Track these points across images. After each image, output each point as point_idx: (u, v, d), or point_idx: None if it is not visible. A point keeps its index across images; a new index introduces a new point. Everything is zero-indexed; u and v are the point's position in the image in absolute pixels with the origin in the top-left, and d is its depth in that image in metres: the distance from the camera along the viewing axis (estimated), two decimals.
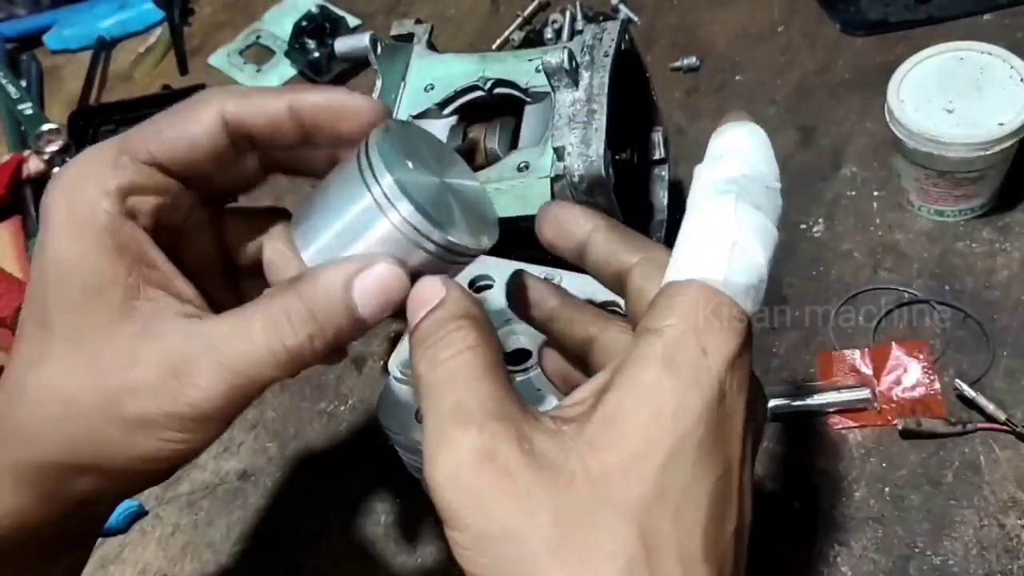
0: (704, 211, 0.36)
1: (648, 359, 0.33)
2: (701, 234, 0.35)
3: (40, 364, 0.37)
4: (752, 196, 0.36)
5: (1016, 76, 0.64)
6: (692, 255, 0.35)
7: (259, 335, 0.36)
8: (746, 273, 0.34)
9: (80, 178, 0.37)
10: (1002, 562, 0.54)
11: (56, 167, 0.92)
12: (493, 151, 0.62)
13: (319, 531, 0.64)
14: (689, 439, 0.32)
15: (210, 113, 0.38)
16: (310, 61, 0.94)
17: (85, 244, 0.36)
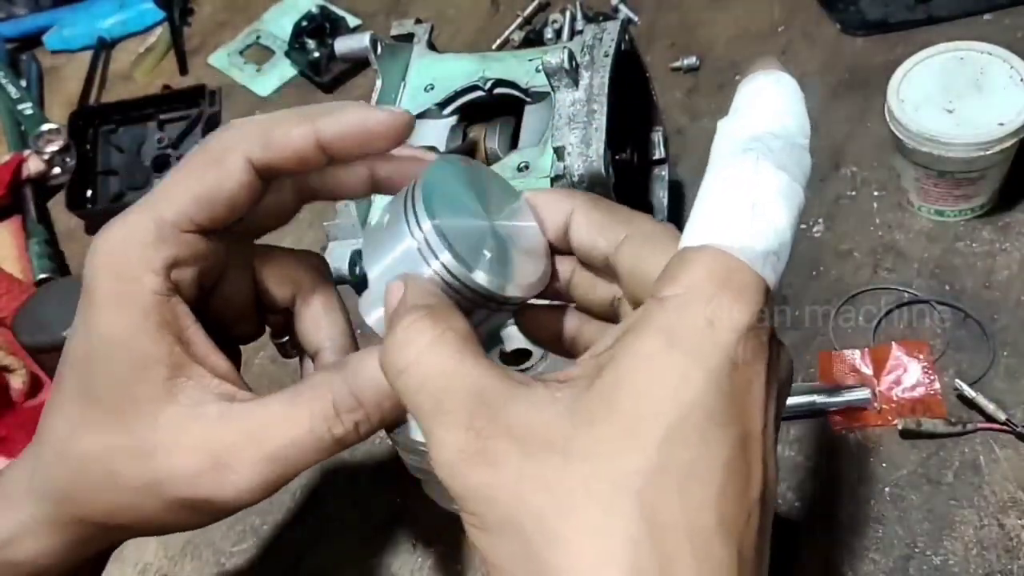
0: (722, 171, 0.33)
1: (649, 330, 0.30)
2: (718, 196, 0.33)
3: (84, 433, 0.37)
4: (776, 155, 0.33)
5: (1016, 76, 0.64)
6: (707, 219, 0.32)
7: (305, 424, 0.36)
8: (765, 238, 0.32)
9: (124, 254, 0.37)
10: (1002, 562, 0.54)
11: (56, 167, 0.92)
12: (493, 151, 0.62)
13: (318, 530, 0.64)
14: (693, 412, 0.29)
15: (238, 162, 0.37)
16: (310, 61, 0.94)
17: (132, 321, 0.36)
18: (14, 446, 0.72)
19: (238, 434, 0.36)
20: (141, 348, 0.36)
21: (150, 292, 0.36)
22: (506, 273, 0.36)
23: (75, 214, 0.88)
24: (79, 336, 0.38)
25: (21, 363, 0.75)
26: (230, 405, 0.37)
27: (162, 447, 0.36)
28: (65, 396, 0.38)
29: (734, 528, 0.30)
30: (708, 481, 0.29)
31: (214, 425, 0.36)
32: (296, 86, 0.96)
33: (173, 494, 0.37)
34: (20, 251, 0.87)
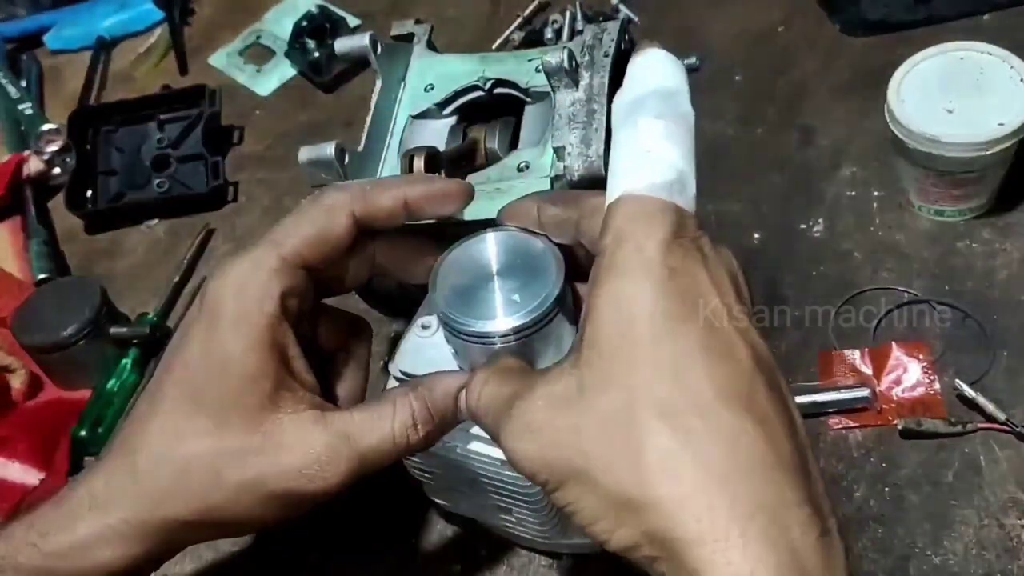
0: (617, 136, 0.40)
1: (599, 275, 0.37)
2: (618, 155, 0.40)
3: (190, 437, 0.43)
4: (651, 108, 0.39)
5: (1016, 76, 0.64)
6: (615, 176, 0.39)
7: (388, 431, 0.44)
8: (662, 172, 0.38)
9: (247, 281, 0.44)
10: (1002, 562, 0.54)
11: (56, 167, 0.92)
12: (493, 151, 0.62)
13: (318, 531, 0.64)
14: (655, 316, 0.35)
15: (344, 215, 0.45)
16: (310, 61, 0.94)
17: (249, 340, 0.43)
18: (14, 446, 0.72)
19: (333, 436, 0.43)
20: (254, 364, 0.43)
21: (268, 315, 0.43)
22: (519, 309, 0.45)
23: (75, 214, 0.88)
24: (193, 350, 0.44)
25: (21, 363, 0.75)
26: (323, 413, 0.44)
27: (266, 448, 0.43)
28: (168, 405, 0.44)
29: (734, 394, 0.35)
30: (693, 365, 0.35)
31: (311, 429, 0.43)
32: (296, 86, 0.96)
33: (272, 489, 0.43)
34: (20, 251, 0.87)
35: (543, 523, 0.54)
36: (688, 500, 0.33)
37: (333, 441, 0.43)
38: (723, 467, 0.33)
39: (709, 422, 0.34)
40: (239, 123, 0.94)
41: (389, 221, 0.47)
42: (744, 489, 0.33)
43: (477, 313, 0.45)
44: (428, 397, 0.45)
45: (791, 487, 0.34)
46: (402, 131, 0.64)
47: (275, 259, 0.44)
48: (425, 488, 0.60)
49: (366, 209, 0.46)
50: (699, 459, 0.33)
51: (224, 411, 0.43)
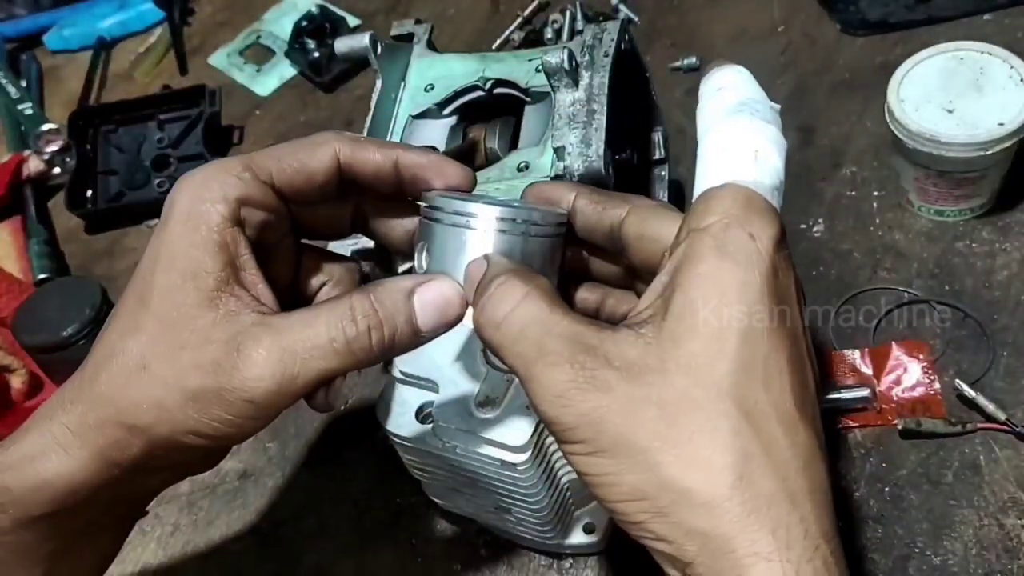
0: (723, 129, 0.40)
1: (703, 252, 0.36)
2: (726, 147, 0.39)
3: (132, 334, 0.41)
4: (761, 113, 0.40)
5: (1016, 76, 0.64)
6: (721, 164, 0.39)
7: (322, 324, 0.40)
8: (770, 175, 0.38)
9: (207, 180, 0.42)
10: (1002, 562, 0.54)
11: (56, 167, 0.92)
12: (493, 151, 0.62)
13: (319, 530, 0.64)
14: (757, 313, 0.35)
15: (328, 152, 0.44)
16: (310, 61, 0.94)
17: (194, 237, 0.41)
18: None
19: (261, 330, 0.40)
20: (196, 257, 0.41)
21: (218, 215, 0.41)
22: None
23: (75, 214, 0.88)
24: (149, 250, 0.42)
25: (21, 363, 0.75)
26: (261, 316, 0.41)
27: (193, 343, 0.40)
28: (121, 308, 0.42)
29: (806, 412, 0.35)
30: (781, 372, 0.34)
31: (243, 325, 0.40)
32: (296, 86, 0.96)
33: (193, 385, 0.39)
34: (20, 251, 0.87)
35: (543, 523, 0.54)
36: (760, 511, 0.32)
37: (257, 332, 0.40)
38: (797, 484, 0.33)
39: (791, 436, 0.34)
40: (239, 123, 0.94)
41: (375, 179, 0.45)
42: (812, 512, 0.33)
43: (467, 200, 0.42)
44: (372, 291, 0.41)
45: (830, 516, 0.34)
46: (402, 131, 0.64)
47: (240, 167, 0.43)
48: (425, 488, 0.60)
49: (353, 156, 0.44)
50: (778, 471, 0.33)
51: (163, 306, 0.41)
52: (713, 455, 0.33)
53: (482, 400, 0.50)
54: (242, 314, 0.41)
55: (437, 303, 0.41)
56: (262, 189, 0.43)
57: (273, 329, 0.40)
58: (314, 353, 0.40)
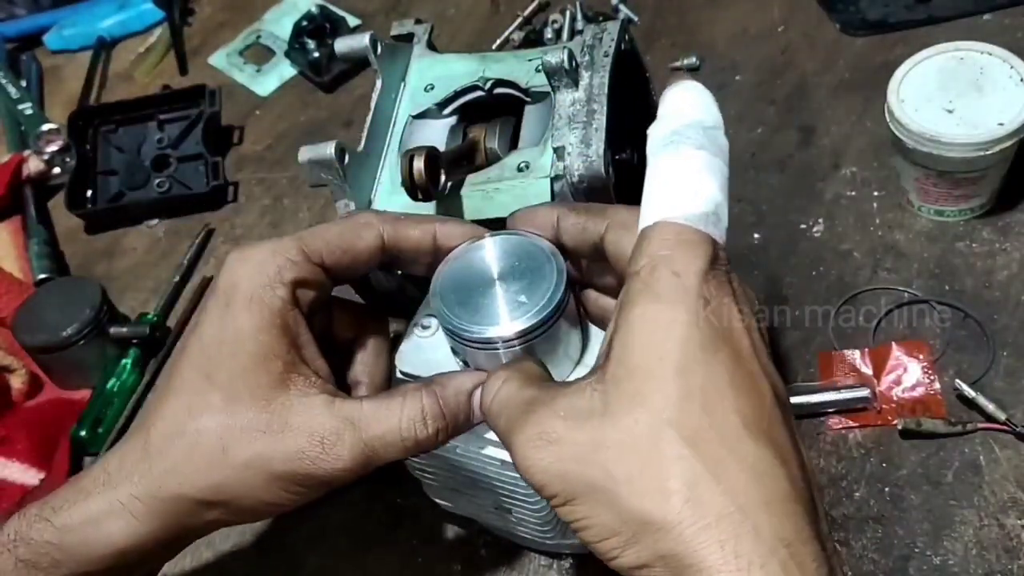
0: (655, 163, 0.41)
1: (634, 296, 0.38)
2: (656, 182, 0.40)
3: (201, 413, 0.44)
4: (692, 140, 0.40)
5: (1016, 76, 0.64)
6: (651, 201, 0.40)
7: (397, 424, 0.44)
8: (700, 203, 0.39)
9: (263, 263, 0.45)
10: (1002, 562, 0.54)
11: (56, 167, 0.92)
12: (493, 151, 0.62)
13: (319, 530, 0.64)
14: (689, 344, 0.36)
15: (373, 234, 0.48)
16: (310, 61, 0.94)
17: (262, 320, 0.44)
18: (14, 446, 0.72)
19: (338, 421, 0.43)
20: (265, 343, 0.44)
21: (281, 299, 0.45)
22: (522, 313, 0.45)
23: (75, 214, 0.88)
24: (208, 328, 0.45)
25: (21, 363, 0.75)
26: (332, 399, 0.44)
27: (274, 427, 0.43)
28: (183, 383, 0.44)
29: (758, 427, 0.35)
30: (721, 396, 0.36)
31: (320, 412, 0.44)
32: (296, 86, 0.96)
33: (277, 469, 0.43)
34: (20, 251, 0.86)
35: (543, 523, 0.54)
36: (711, 527, 0.33)
37: (338, 426, 0.43)
38: (747, 497, 0.34)
39: (735, 452, 0.35)
40: (239, 123, 0.94)
41: (414, 254, 0.49)
42: (767, 521, 0.34)
43: (481, 319, 0.46)
44: (440, 393, 0.45)
45: (806, 522, 0.34)
46: (402, 131, 0.64)
47: (295, 250, 0.46)
48: (425, 488, 0.60)
49: (395, 235, 0.48)
50: (725, 487, 0.34)
51: (235, 388, 0.43)
52: (662, 482, 0.34)
53: None
54: (311, 395, 0.44)
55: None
56: (314, 271, 0.46)
57: (353, 425, 0.43)
58: (389, 450, 0.44)
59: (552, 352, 0.48)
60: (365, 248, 0.48)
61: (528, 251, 0.48)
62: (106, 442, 0.72)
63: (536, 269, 0.47)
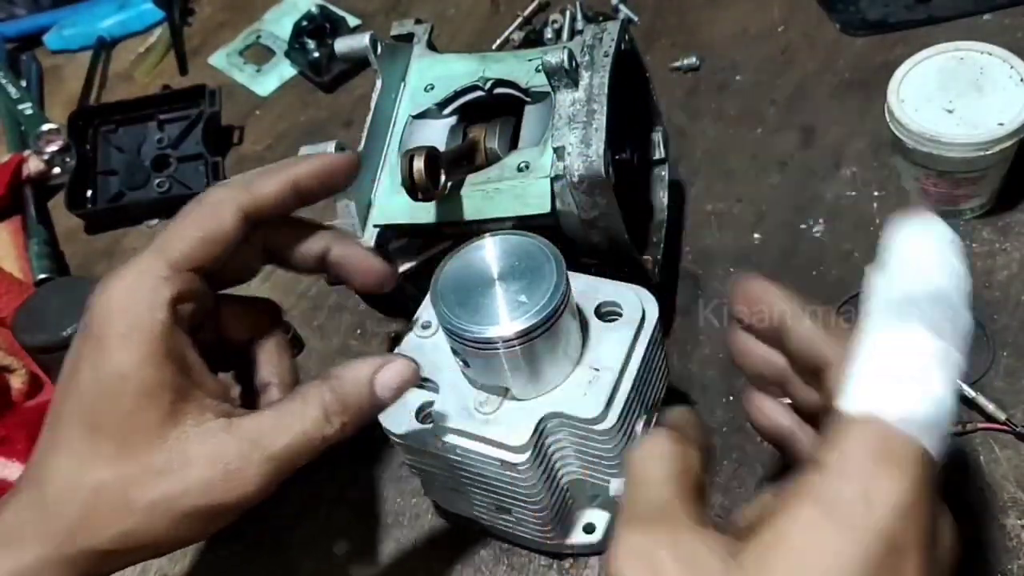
0: (880, 335, 0.34)
1: (808, 497, 0.32)
2: (877, 361, 0.33)
3: (94, 465, 0.41)
4: (933, 320, 0.33)
5: (1016, 76, 0.64)
6: (866, 384, 0.33)
7: (299, 428, 0.42)
8: (925, 408, 0.32)
9: (133, 289, 0.42)
10: (1002, 562, 0.54)
11: (56, 167, 0.92)
12: (493, 151, 0.62)
13: (319, 531, 0.64)
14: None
15: (230, 210, 0.44)
16: (310, 61, 0.94)
17: (142, 353, 0.41)
18: (14, 446, 0.72)
19: (242, 442, 0.41)
20: (150, 377, 0.41)
21: (160, 324, 0.41)
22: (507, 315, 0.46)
23: (75, 214, 0.88)
24: (85, 373, 0.41)
25: (21, 363, 0.75)
26: (229, 420, 0.42)
27: (173, 464, 0.40)
28: (69, 433, 0.41)
29: None
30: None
31: (219, 437, 0.41)
32: (296, 86, 0.96)
33: (187, 506, 0.41)
34: (20, 251, 0.86)
35: (543, 523, 0.54)
36: None
37: (241, 448, 0.41)
38: None
39: None
40: (239, 123, 0.94)
41: (279, 208, 0.46)
42: None
43: (481, 319, 0.46)
44: (339, 387, 0.43)
45: None
46: (402, 131, 0.64)
47: (162, 266, 0.43)
48: (425, 488, 0.60)
49: (252, 201, 0.45)
50: None
51: (124, 432, 0.40)
52: None
53: (482, 400, 0.50)
54: (207, 420, 0.41)
55: (396, 381, 0.44)
56: (188, 279, 0.43)
57: (255, 443, 0.41)
58: (299, 458, 0.42)
59: (552, 352, 0.48)
60: (228, 230, 0.44)
61: (528, 251, 0.48)
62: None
63: (536, 269, 0.47)
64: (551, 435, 0.50)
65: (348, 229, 0.59)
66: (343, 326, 0.75)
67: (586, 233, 0.57)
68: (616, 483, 0.52)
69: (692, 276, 0.70)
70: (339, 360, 0.73)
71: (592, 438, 0.50)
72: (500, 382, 0.49)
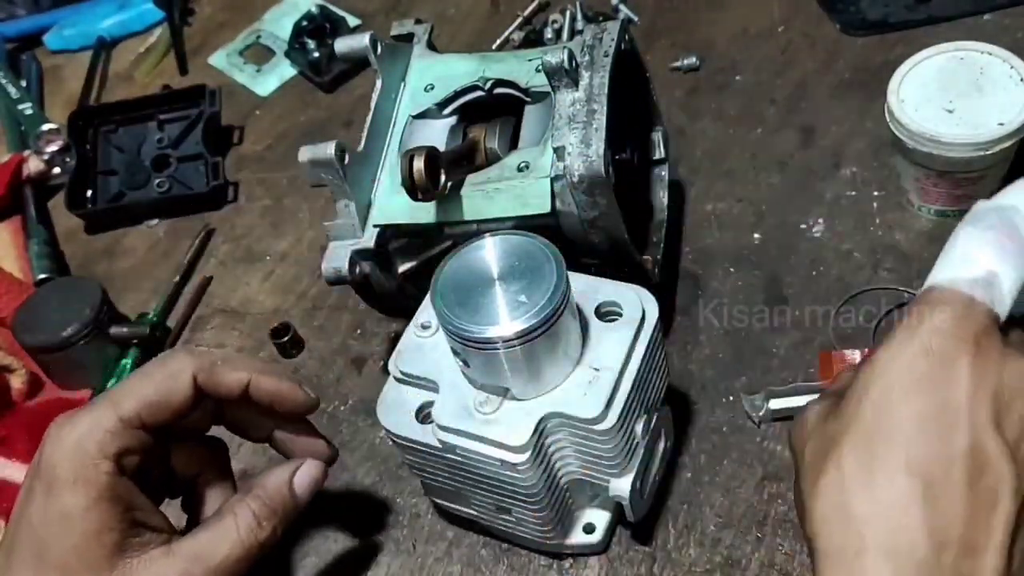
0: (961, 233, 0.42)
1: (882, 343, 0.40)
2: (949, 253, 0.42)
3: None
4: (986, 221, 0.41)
5: (1016, 76, 0.64)
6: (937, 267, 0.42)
7: (235, 538, 0.47)
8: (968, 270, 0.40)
9: (83, 442, 0.45)
10: None
11: (56, 167, 0.92)
12: (493, 151, 0.62)
13: (318, 532, 0.64)
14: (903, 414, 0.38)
15: (186, 380, 0.48)
16: (310, 61, 0.94)
17: (88, 498, 0.44)
18: (13, 446, 0.72)
19: (184, 561, 0.46)
20: (95, 520, 0.44)
21: (106, 474, 0.45)
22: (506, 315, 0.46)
23: (75, 214, 0.88)
24: (35, 511, 0.45)
25: (21, 363, 0.75)
26: (170, 546, 0.46)
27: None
28: (19, 562, 0.45)
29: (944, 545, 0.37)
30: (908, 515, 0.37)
31: (160, 562, 0.45)
32: (296, 86, 0.96)
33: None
34: (20, 251, 0.86)
35: (543, 523, 0.54)
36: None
37: (183, 567, 0.45)
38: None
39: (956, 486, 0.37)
40: (239, 123, 0.94)
41: (231, 396, 0.50)
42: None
43: (481, 319, 0.46)
44: (264, 495, 0.49)
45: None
46: (402, 131, 0.64)
47: (112, 420, 0.46)
48: (425, 488, 0.60)
49: (210, 380, 0.49)
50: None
51: (70, 566, 0.44)
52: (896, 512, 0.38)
53: (482, 400, 0.50)
54: (149, 550, 0.46)
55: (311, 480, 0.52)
56: (136, 435, 0.47)
57: (196, 558, 0.46)
58: (237, 565, 0.47)
59: (552, 352, 0.48)
60: (181, 399, 0.48)
61: (528, 251, 0.48)
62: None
63: (536, 269, 0.47)
64: (551, 435, 0.50)
65: (348, 229, 0.59)
66: (343, 326, 0.75)
67: (586, 233, 0.57)
68: (616, 483, 0.52)
69: (692, 276, 0.70)
70: (339, 360, 0.73)
71: (592, 438, 0.50)
72: (500, 382, 0.49)
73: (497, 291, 0.47)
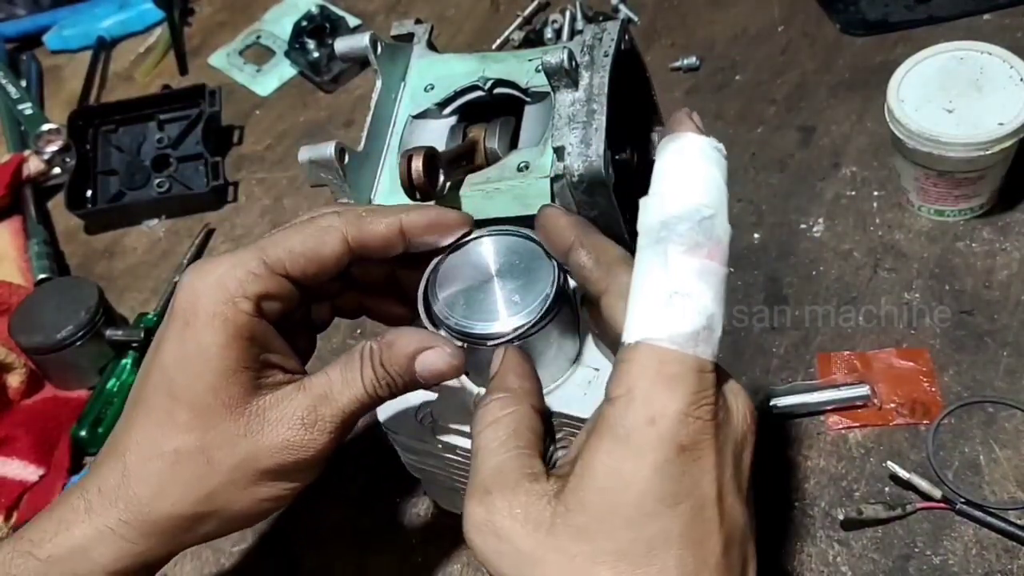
0: (641, 265, 0.38)
1: (603, 432, 0.37)
2: (641, 291, 0.38)
3: (175, 433, 0.43)
4: (685, 236, 0.37)
5: (1016, 76, 0.64)
6: (636, 315, 0.38)
7: (361, 387, 0.45)
8: (690, 320, 0.36)
9: (225, 279, 0.44)
10: (1002, 562, 0.54)
11: (56, 167, 0.92)
12: (493, 151, 0.62)
13: (319, 530, 0.64)
14: (646, 498, 0.36)
15: (337, 237, 0.46)
16: (310, 61, 0.94)
17: (227, 335, 0.43)
18: (13, 443, 0.72)
19: (314, 399, 0.44)
20: (233, 358, 0.43)
21: (245, 313, 0.44)
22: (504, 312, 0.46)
23: (75, 214, 0.88)
24: (169, 350, 0.44)
25: (20, 361, 0.75)
26: (300, 382, 0.45)
27: (253, 426, 0.43)
28: (151, 404, 0.44)
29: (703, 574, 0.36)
30: (667, 547, 0.36)
31: (293, 398, 0.44)
32: (296, 86, 0.96)
33: (267, 465, 0.44)
34: (20, 251, 0.86)
35: None
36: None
37: (313, 403, 0.44)
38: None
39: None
40: (239, 123, 0.94)
41: (384, 249, 0.48)
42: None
43: (478, 315, 0.46)
44: (387, 355, 0.45)
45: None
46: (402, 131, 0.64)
47: (257, 262, 0.45)
48: (425, 488, 0.60)
49: (360, 234, 0.47)
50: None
51: (205, 404, 0.43)
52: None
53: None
54: (282, 387, 0.45)
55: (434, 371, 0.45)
56: (279, 283, 0.45)
57: (325, 398, 0.44)
58: (359, 411, 0.45)
59: (547, 350, 0.48)
60: (331, 254, 0.46)
61: (527, 249, 0.48)
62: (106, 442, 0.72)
63: (534, 267, 0.47)
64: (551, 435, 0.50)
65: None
66: (343, 325, 0.75)
67: None
68: None
69: None
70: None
71: None
72: None
73: (495, 288, 0.47)
